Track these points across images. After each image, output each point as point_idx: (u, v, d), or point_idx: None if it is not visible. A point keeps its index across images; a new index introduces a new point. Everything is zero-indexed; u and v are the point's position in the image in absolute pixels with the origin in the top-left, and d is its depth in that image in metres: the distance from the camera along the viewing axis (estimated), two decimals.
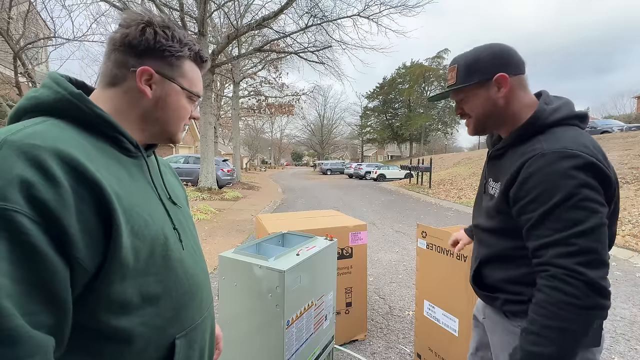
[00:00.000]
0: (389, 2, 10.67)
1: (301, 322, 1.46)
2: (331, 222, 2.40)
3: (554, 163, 0.77)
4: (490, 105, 0.92)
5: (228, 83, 20.20)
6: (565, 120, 0.86)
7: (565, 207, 0.75)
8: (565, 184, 0.75)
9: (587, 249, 0.73)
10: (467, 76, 0.92)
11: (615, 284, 3.68)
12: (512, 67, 0.90)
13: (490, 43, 0.94)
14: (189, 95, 0.71)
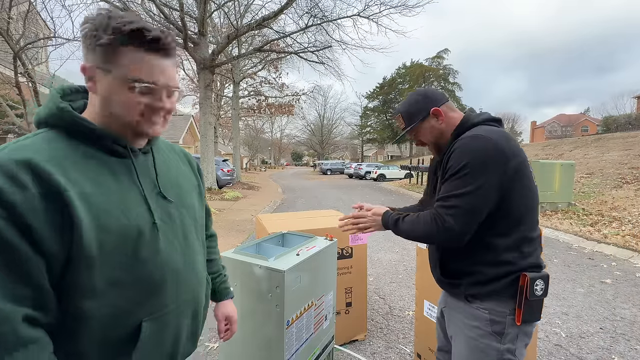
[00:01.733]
0: (389, 2, 10.68)
1: (301, 322, 1.46)
2: (331, 222, 2.40)
3: (467, 143, 1.04)
4: (437, 131, 1.20)
5: (228, 83, 20.20)
6: (486, 121, 1.13)
7: (461, 173, 1.02)
8: (467, 156, 1.02)
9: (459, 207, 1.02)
10: (411, 119, 1.22)
11: (615, 283, 3.68)
12: (438, 100, 1.20)
13: (415, 91, 1.27)
14: (132, 85, 0.67)
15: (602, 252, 4.89)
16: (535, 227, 1.10)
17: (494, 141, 1.01)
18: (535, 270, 1.06)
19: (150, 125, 0.73)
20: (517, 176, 1.02)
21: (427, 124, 1.20)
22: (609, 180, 8.91)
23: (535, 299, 1.04)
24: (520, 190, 1.04)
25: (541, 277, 1.05)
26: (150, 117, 0.72)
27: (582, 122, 43.93)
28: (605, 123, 23.80)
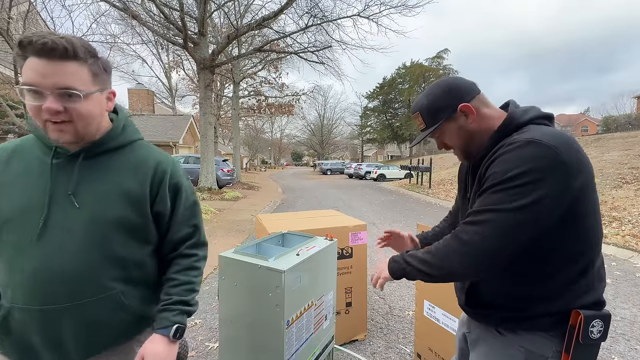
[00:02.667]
0: (389, 2, 10.67)
1: (301, 322, 1.46)
2: (331, 222, 2.40)
3: (520, 148, 0.80)
4: (466, 132, 0.96)
5: (228, 83, 20.20)
6: (536, 119, 0.90)
7: (508, 185, 0.79)
8: (518, 164, 0.78)
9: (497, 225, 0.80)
10: (433, 118, 0.97)
11: (615, 283, 3.68)
12: (466, 93, 0.94)
13: (437, 81, 1.00)
14: (24, 90, 0.75)
15: (602, 252, 4.88)
16: (599, 255, 0.89)
17: (556, 149, 0.76)
18: (594, 308, 0.84)
19: (49, 131, 0.79)
20: (581, 197, 0.79)
21: (453, 124, 0.96)
22: (608, 180, 8.91)
23: (590, 342, 0.82)
24: (583, 218, 0.81)
25: (601, 316, 0.83)
26: (44, 121, 0.77)
27: (582, 122, 43.96)
28: (605, 123, 23.82)
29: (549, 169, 0.76)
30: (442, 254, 0.87)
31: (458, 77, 0.99)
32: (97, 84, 0.82)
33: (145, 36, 15.24)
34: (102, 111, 0.86)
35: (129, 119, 0.96)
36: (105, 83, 0.86)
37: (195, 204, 1.05)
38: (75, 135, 0.81)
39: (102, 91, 0.84)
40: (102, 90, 0.85)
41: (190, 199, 1.03)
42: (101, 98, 0.85)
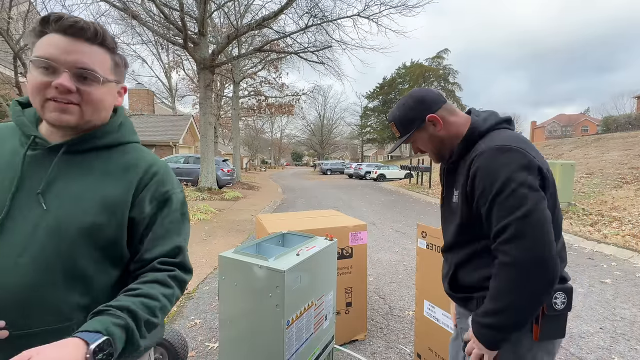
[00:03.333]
0: (389, 2, 10.67)
1: (301, 322, 1.46)
2: (331, 222, 2.40)
3: (493, 157, 0.90)
4: (436, 139, 1.08)
5: (228, 83, 20.20)
6: (496, 125, 1.02)
7: (506, 194, 0.86)
8: (502, 174, 0.87)
9: (524, 232, 0.83)
10: (405, 127, 1.09)
11: (615, 283, 3.68)
12: (433, 104, 1.06)
13: (408, 94, 1.11)
14: (36, 64, 0.69)
15: (602, 252, 4.89)
16: (559, 237, 0.97)
17: (522, 151, 0.89)
18: (559, 282, 0.95)
19: (48, 110, 0.71)
20: (548, 184, 0.91)
21: (424, 133, 1.08)
22: (609, 180, 8.91)
23: (555, 313, 0.93)
24: (551, 200, 0.92)
25: (562, 289, 0.93)
26: (45, 99, 0.70)
27: (582, 122, 43.95)
28: (605, 123, 23.80)
29: (525, 167, 0.87)
30: (506, 288, 0.86)
31: (426, 90, 1.10)
32: (116, 75, 0.79)
33: (145, 36, 15.27)
34: (111, 103, 0.81)
35: (127, 118, 0.89)
36: (122, 77, 0.82)
37: (184, 220, 0.86)
38: (79, 118, 0.73)
39: (117, 83, 0.81)
40: (118, 82, 0.81)
41: (178, 213, 0.84)
42: (115, 90, 0.80)
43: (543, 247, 0.82)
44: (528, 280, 0.83)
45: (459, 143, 1.04)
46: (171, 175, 0.87)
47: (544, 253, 0.82)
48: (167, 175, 0.85)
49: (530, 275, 0.82)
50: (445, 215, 1.15)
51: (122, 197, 0.76)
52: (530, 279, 0.82)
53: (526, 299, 0.84)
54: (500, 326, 0.88)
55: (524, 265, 0.82)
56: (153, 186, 0.80)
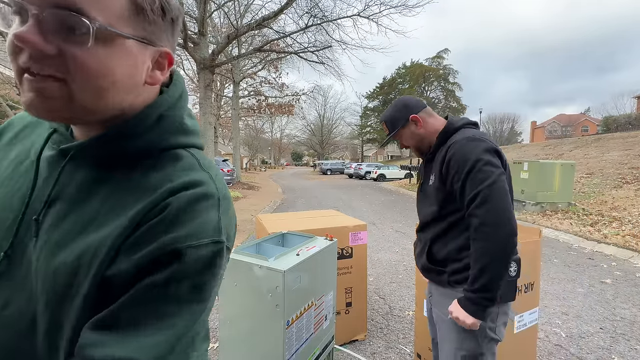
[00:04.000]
0: (389, 2, 10.67)
1: (301, 322, 1.46)
2: (331, 222, 2.40)
3: (465, 144, 1.15)
4: (417, 136, 1.33)
5: (228, 83, 20.20)
6: (466, 125, 1.28)
7: (475, 170, 1.10)
8: (472, 156, 1.12)
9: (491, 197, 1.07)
10: (393, 126, 1.35)
11: (615, 283, 3.68)
12: (415, 108, 1.32)
13: (396, 99, 1.39)
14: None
15: (602, 252, 4.89)
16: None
17: (487, 141, 1.16)
18: None
19: (22, 92, 0.42)
20: (505, 165, 1.16)
21: (407, 130, 1.33)
22: (609, 180, 8.91)
23: (510, 279, 1.14)
24: (507, 177, 1.15)
25: (514, 260, 1.15)
26: (20, 67, 0.40)
27: (582, 122, 43.94)
28: (605, 123, 23.79)
29: (490, 153, 1.12)
30: (483, 249, 1.07)
31: (409, 97, 1.37)
32: (138, 27, 0.44)
33: None
34: (135, 78, 0.46)
35: (179, 106, 0.54)
36: (158, 34, 0.47)
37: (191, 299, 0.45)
38: (67, 109, 0.42)
39: (144, 43, 0.45)
40: (146, 41, 0.45)
41: (184, 285, 0.44)
42: (139, 54, 0.45)
43: (504, 208, 1.06)
44: (496, 234, 1.05)
45: (437, 137, 1.28)
46: (200, 216, 0.47)
47: (505, 213, 1.06)
48: (192, 213, 0.46)
49: (498, 230, 1.05)
50: (421, 200, 1.38)
51: (102, 243, 0.44)
52: (498, 233, 1.05)
53: (497, 253, 1.05)
54: (484, 286, 1.06)
55: (493, 221, 1.06)
56: (152, 227, 0.45)
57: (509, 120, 59.25)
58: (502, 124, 59.44)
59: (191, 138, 0.55)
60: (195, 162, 0.52)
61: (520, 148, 19.89)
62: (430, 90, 44.00)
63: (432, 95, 44.21)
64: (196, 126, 0.57)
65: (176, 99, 0.54)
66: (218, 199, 0.50)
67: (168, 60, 0.50)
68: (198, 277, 0.45)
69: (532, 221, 6.88)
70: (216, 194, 0.50)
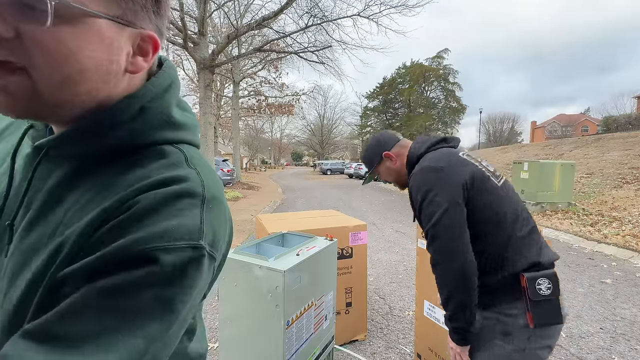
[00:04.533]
0: (389, 2, 10.66)
1: (301, 322, 1.46)
2: (331, 222, 2.40)
3: (417, 176, 1.13)
4: (393, 171, 1.33)
5: (228, 83, 20.20)
6: (431, 147, 1.22)
7: (424, 206, 1.07)
8: (420, 192, 1.09)
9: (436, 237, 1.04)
10: (370, 164, 1.38)
11: (615, 284, 3.68)
12: (387, 144, 1.33)
13: (370, 137, 1.40)
14: None
15: (602, 252, 4.89)
16: (519, 227, 1.08)
17: (438, 166, 1.10)
18: (535, 269, 1.04)
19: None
20: (475, 185, 1.07)
21: (383, 167, 1.35)
22: (609, 180, 8.91)
23: (542, 298, 1.00)
24: (486, 198, 1.08)
25: (544, 275, 1.01)
26: None
27: (582, 122, 43.94)
28: (605, 123, 23.79)
29: (441, 180, 1.07)
30: (438, 283, 1.07)
31: (383, 133, 1.38)
32: (111, 4, 0.37)
33: None
34: (110, 66, 0.40)
35: (166, 97, 0.48)
36: (138, 13, 0.40)
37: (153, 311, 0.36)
38: (32, 104, 0.38)
39: (120, 23, 0.39)
40: (123, 22, 0.39)
41: (148, 294, 0.36)
42: (115, 37, 0.39)
43: (450, 248, 1.02)
44: (445, 274, 1.04)
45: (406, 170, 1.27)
46: (178, 216, 0.40)
47: (451, 254, 1.01)
48: (166, 212, 0.39)
49: (448, 267, 1.02)
50: None
51: (63, 245, 0.39)
52: (448, 270, 1.02)
53: (452, 289, 1.02)
54: (451, 317, 1.05)
55: (439, 263, 1.04)
56: (115, 226, 0.38)
57: (509, 120, 59.25)
58: (502, 124, 59.44)
59: (181, 133, 0.49)
60: (183, 159, 0.46)
61: (521, 148, 19.89)
62: (430, 90, 44.00)
63: (432, 95, 44.23)
64: (188, 120, 0.51)
65: (163, 88, 0.47)
66: (203, 197, 0.42)
67: (153, 44, 0.43)
68: (164, 287, 0.36)
69: None
70: (201, 193, 0.43)
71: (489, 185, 1.10)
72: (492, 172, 1.16)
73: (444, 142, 1.24)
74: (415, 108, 43.87)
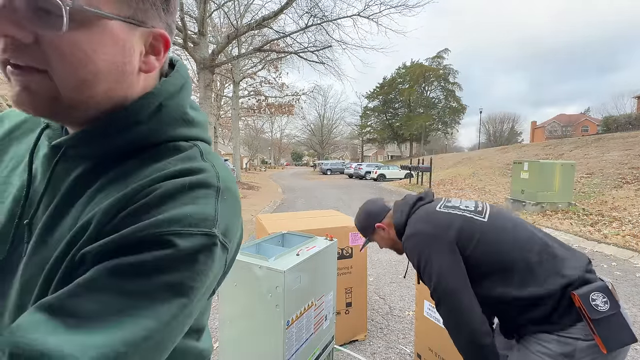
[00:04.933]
0: (389, 2, 10.67)
1: (301, 322, 1.46)
2: (331, 222, 2.40)
3: (407, 247, 1.18)
4: (388, 240, 1.38)
5: (228, 83, 20.20)
6: (410, 212, 1.24)
7: (422, 273, 1.11)
8: (414, 259, 1.14)
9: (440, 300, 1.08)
10: (365, 234, 1.45)
11: (615, 284, 3.67)
12: (378, 216, 1.38)
13: (360, 208, 1.46)
14: None
15: (602, 252, 4.89)
16: (529, 253, 1.03)
17: (425, 231, 1.13)
18: (580, 285, 0.95)
19: (11, 87, 0.39)
20: (464, 237, 1.08)
21: (377, 236, 1.41)
22: (609, 180, 8.91)
23: (603, 315, 0.89)
24: (483, 246, 1.06)
25: (595, 289, 0.92)
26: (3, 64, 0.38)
27: (582, 122, 43.92)
28: (606, 123, 23.79)
29: (429, 244, 1.09)
30: (455, 341, 1.07)
31: (373, 203, 1.43)
32: (122, 5, 0.38)
33: None
34: (124, 66, 0.41)
35: (182, 95, 0.50)
36: (148, 12, 0.41)
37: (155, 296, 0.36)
38: (53, 104, 0.39)
39: (132, 23, 0.40)
40: (135, 22, 0.40)
41: (158, 280, 0.36)
42: (127, 37, 0.40)
43: (455, 318, 1.03)
44: (456, 343, 1.05)
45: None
46: (192, 203, 0.41)
47: (458, 326, 1.03)
48: (182, 199, 0.40)
49: (455, 340, 1.05)
50: None
51: (80, 233, 0.40)
52: (457, 343, 1.05)
53: (465, 346, 1.04)
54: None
55: (449, 330, 1.06)
56: (133, 211, 0.39)
57: (509, 120, 59.28)
58: (502, 124, 59.48)
59: (195, 130, 0.51)
60: (198, 153, 0.48)
61: (521, 148, 19.88)
62: (430, 90, 43.99)
63: (432, 95, 44.23)
64: (201, 118, 0.53)
65: (179, 87, 0.49)
66: (218, 188, 0.44)
67: (164, 43, 0.44)
68: (175, 271, 0.37)
69: (533, 221, 6.88)
70: (216, 184, 0.44)
71: (478, 228, 1.09)
72: (474, 210, 1.15)
73: (421, 201, 1.29)
74: (415, 108, 43.86)
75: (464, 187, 12.85)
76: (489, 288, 1.04)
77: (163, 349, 0.37)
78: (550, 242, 1.08)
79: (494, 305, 1.06)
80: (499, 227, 1.09)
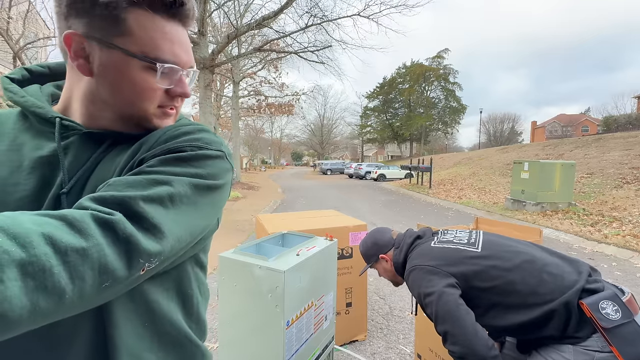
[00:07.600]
0: (389, 1, 10.66)
1: (301, 322, 1.45)
2: (331, 222, 2.40)
3: (408, 282, 1.25)
4: (389, 271, 1.44)
5: (228, 83, 20.20)
6: (409, 250, 1.33)
7: (425, 306, 1.15)
8: (415, 293, 1.20)
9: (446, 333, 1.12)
10: (367, 259, 1.50)
11: (615, 284, 3.68)
12: (385, 247, 1.43)
13: (370, 233, 1.53)
14: (147, 65, 0.49)
15: (603, 252, 4.89)
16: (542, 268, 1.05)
17: (422, 267, 1.19)
18: (585, 296, 0.95)
19: (164, 118, 0.56)
20: (462, 271, 1.12)
21: (379, 266, 1.46)
22: (609, 180, 8.90)
23: (614, 325, 0.88)
24: (485, 274, 1.10)
25: (604, 297, 0.92)
26: (166, 106, 0.56)
27: (582, 122, 43.91)
28: (606, 123, 23.79)
29: (429, 278, 1.14)
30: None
31: (383, 235, 1.48)
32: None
33: None
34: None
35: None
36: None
37: (194, 198, 0.49)
38: None
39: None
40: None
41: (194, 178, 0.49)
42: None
43: (459, 337, 1.05)
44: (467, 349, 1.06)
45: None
46: (204, 135, 0.55)
47: (465, 343, 1.04)
48: (194, 134, 0.54)
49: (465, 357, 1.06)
50: None
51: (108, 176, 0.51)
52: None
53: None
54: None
55: (456, 355, 1.08)
56: (159, 144, 0.52)
57: (510, 120, 59.22)
58: (503, 123, 59.40)
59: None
60: (200, 125, 0.60)
61: (521, 148, 19.88)
62: (430, 90, 43.96)
63: (432, 95, 44.20)
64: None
65: None
66: (221, 141, 0.57)
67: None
68: (199, 168, 0.50)
69: (533, 221, 6.88)
70: (219, 139, 0.57)
71: (472, 260, 1.14)
72: (467, 242, 1.19)
73: (419, 239, 1.35)
74: (416, 108, 43.84)
75: (464, 187, 12.84)
76: (495, 318, 1.06)
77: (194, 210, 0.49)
78: (549, 257, 1.09)
79: (503, 332, 1.10)
80: (493, 256, 1.13)
